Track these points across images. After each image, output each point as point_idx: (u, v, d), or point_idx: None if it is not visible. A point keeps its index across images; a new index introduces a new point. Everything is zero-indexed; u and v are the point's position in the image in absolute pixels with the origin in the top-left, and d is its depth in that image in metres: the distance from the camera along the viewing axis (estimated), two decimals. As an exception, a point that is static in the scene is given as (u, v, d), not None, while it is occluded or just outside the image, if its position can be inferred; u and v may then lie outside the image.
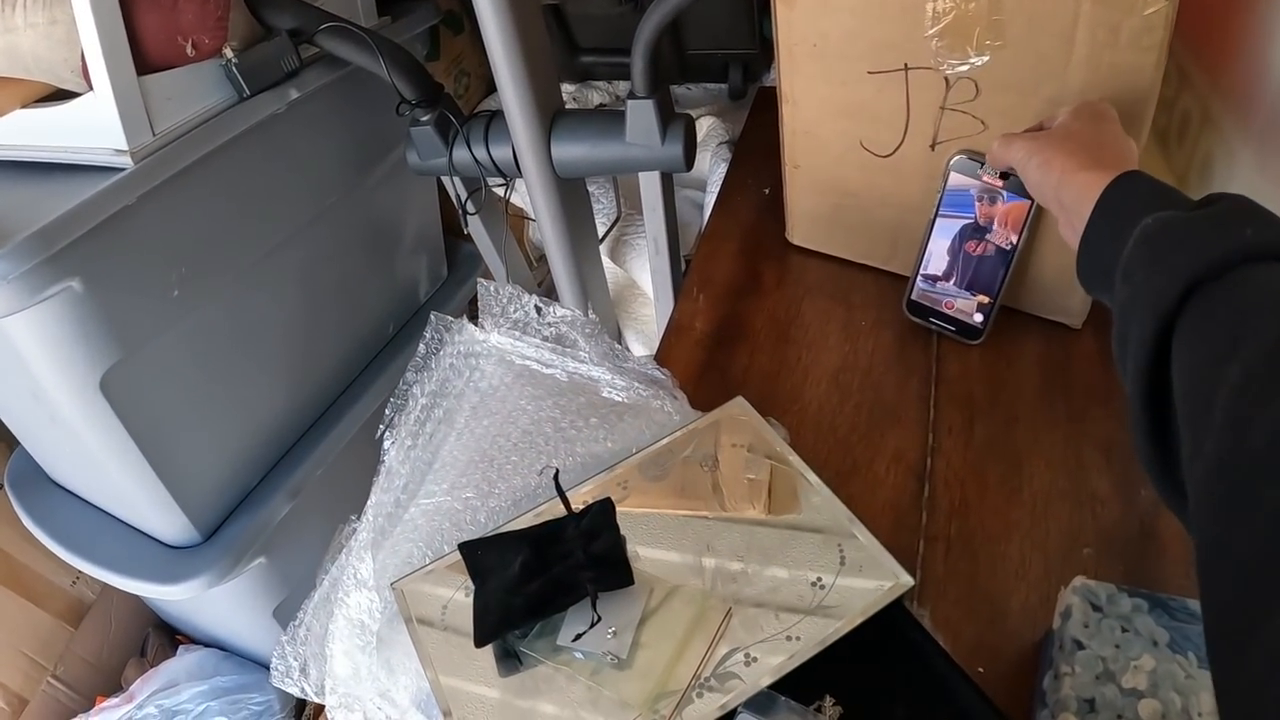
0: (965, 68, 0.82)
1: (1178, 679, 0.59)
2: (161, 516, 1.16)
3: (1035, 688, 0.66)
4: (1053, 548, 0.77)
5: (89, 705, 1.54)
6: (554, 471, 0.69)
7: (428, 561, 0.72)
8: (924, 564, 0.76)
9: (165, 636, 1.64)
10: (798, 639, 0.61)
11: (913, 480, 0.83)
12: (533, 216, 1.19)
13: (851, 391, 0.91)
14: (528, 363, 0.82)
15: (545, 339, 0.82)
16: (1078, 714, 0.58)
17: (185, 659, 1.51)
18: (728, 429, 0.75)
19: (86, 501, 1.28)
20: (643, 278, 1.38)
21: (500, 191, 1.26)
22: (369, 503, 0.77)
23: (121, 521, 1.24)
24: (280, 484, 1.26)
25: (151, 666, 1.55)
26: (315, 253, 1.24)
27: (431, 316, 0.83)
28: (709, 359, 0.95)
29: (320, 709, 1.47)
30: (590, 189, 1.29)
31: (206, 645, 1.57)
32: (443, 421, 0.80)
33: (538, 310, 0.83)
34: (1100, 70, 0.78)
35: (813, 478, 0.72)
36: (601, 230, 1.31)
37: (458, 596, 0.68)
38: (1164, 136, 1.18)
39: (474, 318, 0.86)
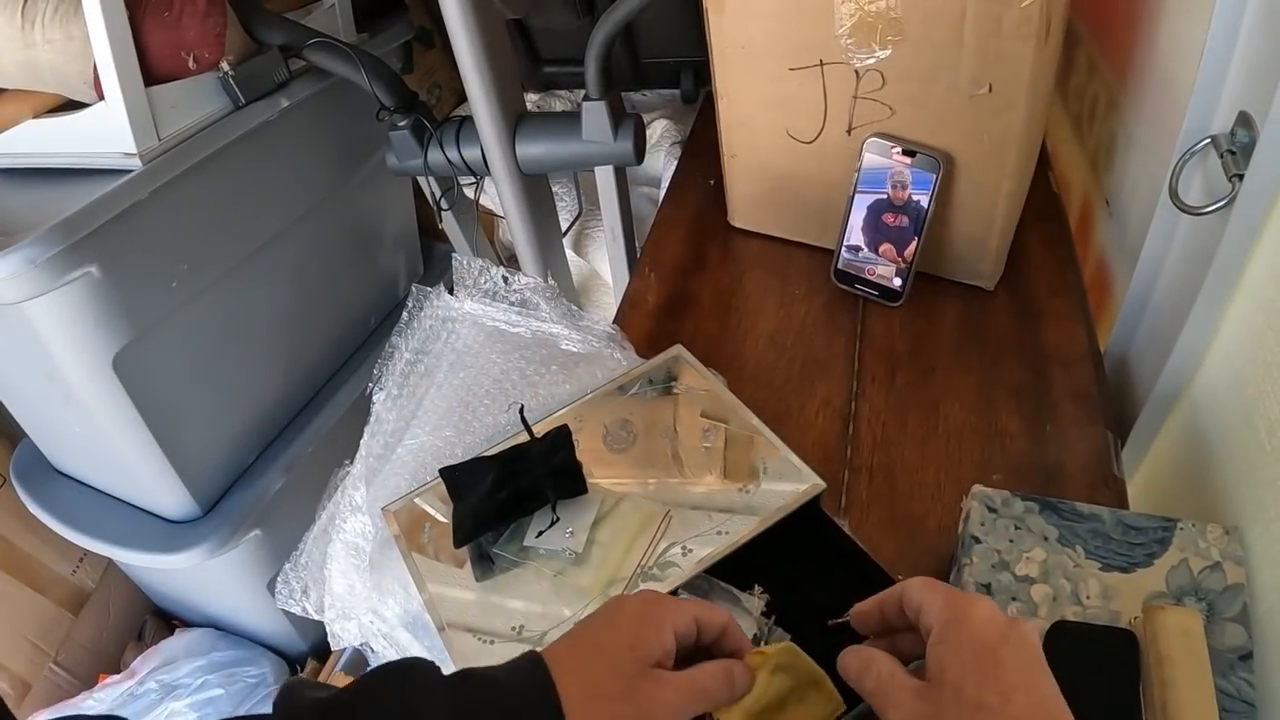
0: (872, 61, 0.93)
1: (1067, 568, 0.69)
2: (165, 491, 1.26)
3: (948, 587, 0.77)
4: (965, 475, 0.87)
5: (90, 689, 1.61)
6: (520, 406, 0.79)
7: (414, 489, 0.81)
8: (848, 490, 0.87)
9: (162, 622, 1.72)
10: (727, 533, 0.71)
11: (839, 421, 0.94)
12: (502, 214, 1.30)
13: (785, 349, 1.02)
14: (497, 324, 0.92)
15: (512, 304, 0.93)
16: (974, 597, 0.69)
17: (183, 638, 1.59)
18: (685, 402, 0.83)
19: (89, 487, 1.37)
20: (604, 268, 1.49)
21: (471, 190, 1.38)
22: (360, 445, 0.87)
23: (124, 502, 1.34)
24: (274, 461, 1.36)
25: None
26: (303, 248, 1.35)
27: (413, 288, 0.93)
28: (659, 327, 1.06)
29: (317, 669, 1.56)
30: (554, 189, 1.41)
31: (202, 627, 1.65)
32: (424, 376, 0.90)
33: (505, 280, 0.94)
34: (988, 58, 0.88)
35: (741, 408, 0.81)
36: (565, 225, 1.43)
37: (439, 517, 0.77)
38: (1077, 121, 1.30)
39: (451, 292, 0.97)
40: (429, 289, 0.93)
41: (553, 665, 0.51)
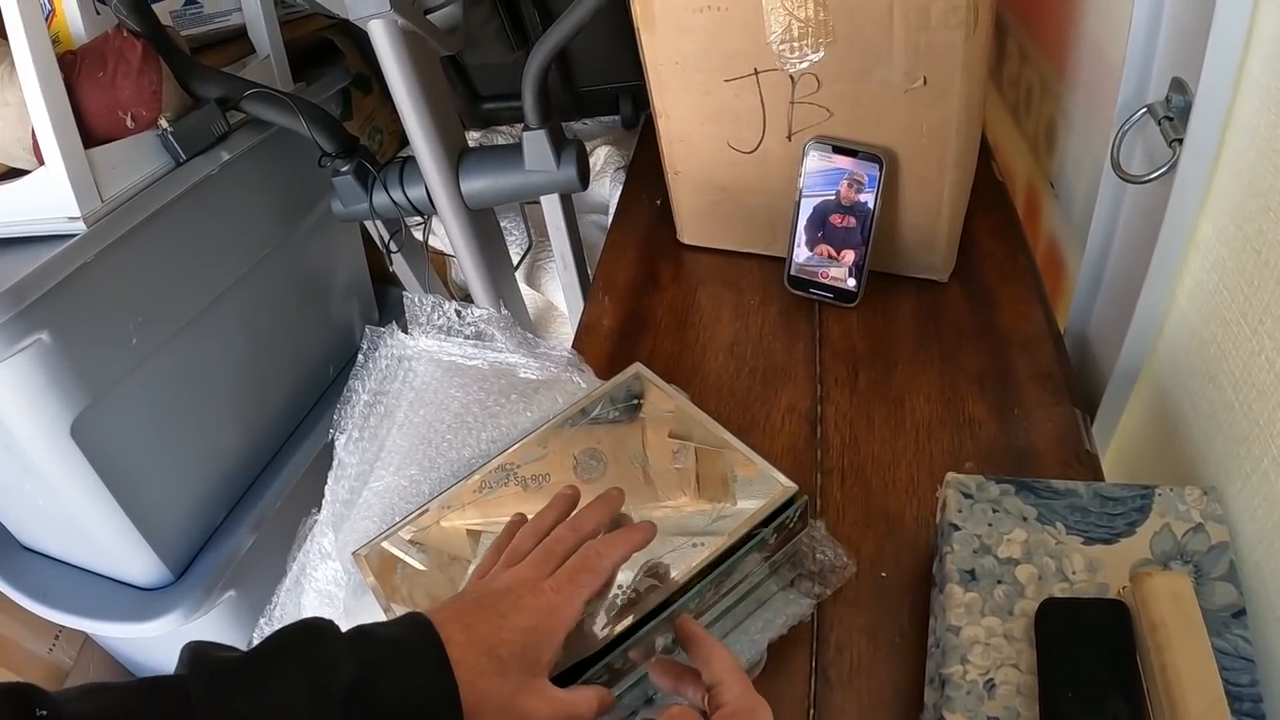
0: (805, 65, 0.92)
1: (1049, 546, 0.67)
2: (134, 558, 1.21)
3: (931, 578, 0.74)
4: (938, 467, 0.85)
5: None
6: None
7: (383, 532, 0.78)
8: (822, 493, 0.85)
9: (144, 695, 1.65)
10: (702, 545, 0.67)
11: (806, 426, 0.91)
12: (452, 253, 1.27)
13: (745, 360, 1.00)
14: (454, 359, 0.89)
15: (467, 337, 0.91)
16: (961, 583, 0.66)
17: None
18: (652, 425, 0.79)
19: (58, 561, 1.32)
20: (558, 298, 1.47)
21: (419, 231, 1.35)
22: (325, 491, 0.84)
23: (94, 574, 1.29)
24: (243, 519, 1.32)
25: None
26: (255, 301, 1.32)
27: (367, 329, 0.90)
28: (617, 349, 1.04)
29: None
30: (503, 223, 1.39)
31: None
32: (385, 417, 0.87)
33: (458, 314, 0.91)
34: (919, 50, 0.87)
35: (708, 420, 0.78)
36: (516, 259, 1.40)
37: (409, 560, 0.73)
38: (1015, 109, 1.30)
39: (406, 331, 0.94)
40: (382, 329, 0.91)
41: (447, 643, 0.52)
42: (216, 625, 1.30)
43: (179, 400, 1.20)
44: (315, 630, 0.50)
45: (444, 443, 0.84)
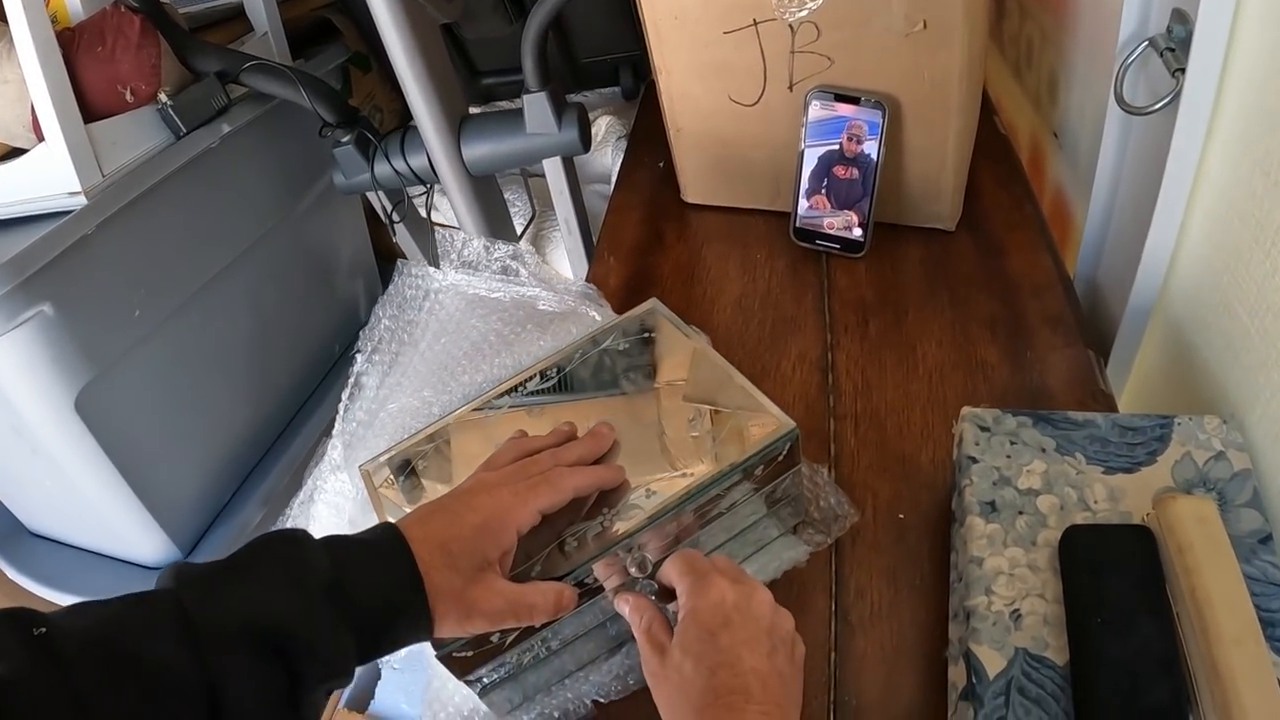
0: (804, 13, 0.89)
1: (1069, 476, 0.65)
2: (142, 537, 1.19)
3: (950, 516, 0.72)
4: (952, 410, 0.83)
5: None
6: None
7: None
8: (836, 438, 0.83)
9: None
10: (690, 474, 0.65)
11: (817, 373, 0.89)
12: (456, 225, 1.25)
13: (754, 312, 0.98)
14: (478, 291, 0.91)
15: (494, 273, 0.92)
16: (981, 515, 0.64)
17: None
18: (667, 394, 0.75)
19: (67, 545, 1.30)
20: (562, 266, 1.44)
21: (422, 205, 1.33)
22: (339, 407, 0.86)
23: (104, 556, 1.27)
24: (250, 496, 1.30)
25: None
26: (259, 276, 1.30)
27: (398, 263, 0.91)
28: (623, 307, 1.01)
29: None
30: (506, 195, 1.36)
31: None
32: (407, 345, 0.89)
33: (486, 249, 0.93)
34: None
35: (715, 355, 0.75)
36: (519, 228, 1.38)
37: (409, 475, 0.72)
38: (1016, 66, 1.28)
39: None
40: (411, 261, 0.93)
41: (411, 543, 0.55)
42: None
43: (184, 375, 1.18)
44: (290, 535, 0.53)
45: (459, 368, 0.86)
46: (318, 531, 0.78)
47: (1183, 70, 0.73)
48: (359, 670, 0.52)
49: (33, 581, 1.26)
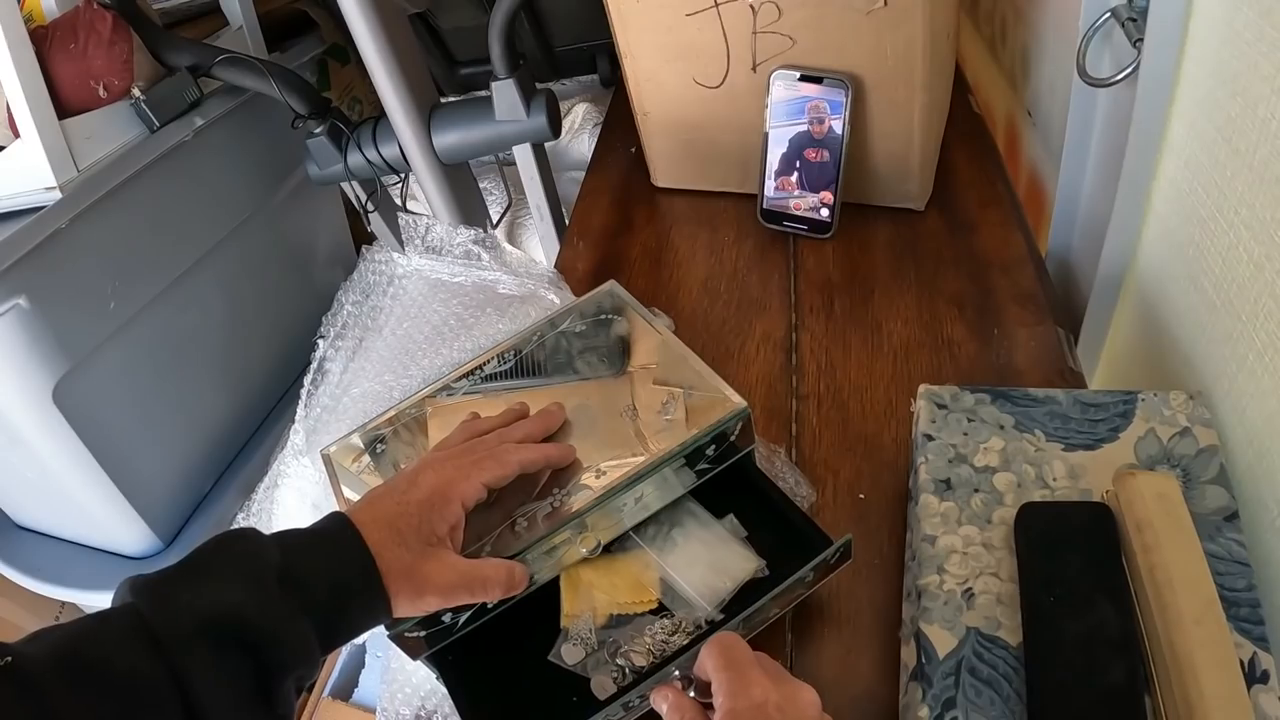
0: (765, -7, 0.87)
1: (1028, 453, 0.62)
2: (123, 528, 1.17)
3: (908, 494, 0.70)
4: (917, 388, 0.80)
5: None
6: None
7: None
8: (798, 418, 0.80)
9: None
10: (640, 455, 0.63)
11: (781, 354, 0.87)
12: (431, 215, 1.23)
13: (720, 294, 0.95)
14: (440, 276, 0.89)
15: (457, 257, 0.91)
16: (935, 493, 0.61)
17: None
18: (640, 379, 0.72)
19: (50, 537, 1.28)
20: (537, 253, 1.42)
21: (397, 195, 1.30)
22: (302, 394, 0.85)
23: (87, 547, 1.25)
24: (230, 485, 1.28)
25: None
26: (235, 267, 1.28)
27: (363, 249, 0.90)
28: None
29: (305, 696, 1.46)
30: (482, 184, 1.34)
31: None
32: (371, 330, 0.88)
33: (450, 233, 0.91)
34: None
35: (670, 336, 0.72)
36: (495, 217, 1.36)
37: (368, 458, 0.71)
38: (991, 43, 1.26)
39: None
40: (375, 248, 0.91)
41: (357, 525, 0.54)
42: (211, 593, 1.25)
43: (161, 366, 1.16)
44: (239, 534, 0.52)
45: (419, 352, 0.84)
46: (282, 517, 0.77)
47: (1142, 40, 0.70)
48: (342, 659, 0.51)
49: (19, 574, 1.24)
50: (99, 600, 1.21)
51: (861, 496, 0.73)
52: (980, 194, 1.01)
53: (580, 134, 1.47)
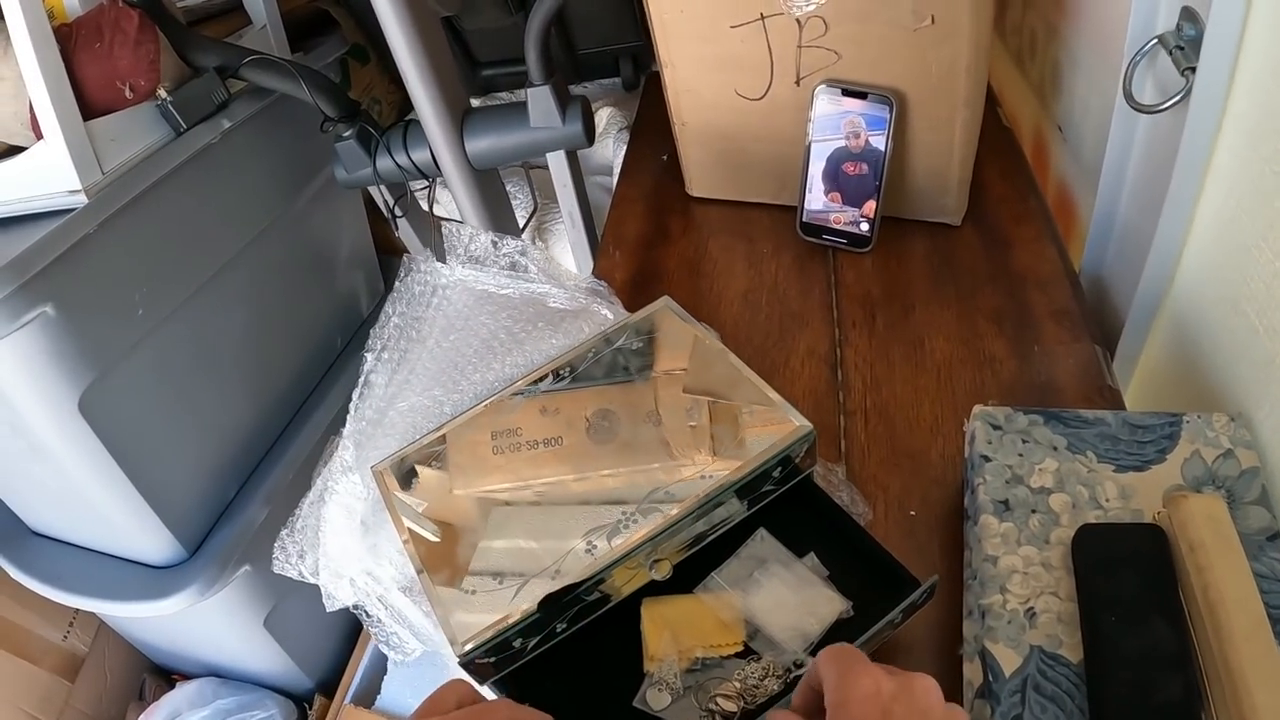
0: (811, 7, 0.89)
1: (1081, 474, 0.67)
2: (147, 536, 1.20)
3: (962, 514, 0.73)
4: (961, 405, 0.85)
5: (94, 755, 1.54)
6: None
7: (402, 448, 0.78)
8: (846, 434, 0.84)
9: (161, 678, 1.65)
10: (710, 476, 0.67)
11: (826, 369, 0.91)
12: (458, 219, 1.26)
13: (761, 307, 0.99)
14: (486, 288, 0.90)
15: (502, 268, 0.92)
16: (995, 513, 0.66)
17: (184, 689, 1.52)
18: (665, 383, 0.77)
19: (70, 544, 1.30)
20: (565, 259, 1.45)
21: (423, 198, 1.33)
22: (350, 407, 0.85)
23: (107, 555, 1.27)
24: (256, 492, 1.31)
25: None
26: (260, 271, 1.30)
27: (404, 259, 0.91)
28: (629, 302, 1.01)
29: (326, 705, 1.50)
30: (507, 187, 1.37)
31: (203, 677, 1.58)
32: (415, 341, 0.89)
33: (494, 244, 0.92)
34: None
35: (730, 355, 0.76)
36: (521, 221, 1.39)
37: (426, 472, 0.73)
38: (1018, 56, 1.29)
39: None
40: (418, 256, 0.92)
41: None
42: (231, 602, 1.29)
43: (187, 373, 1.19)
44: None
45: (469, 366, 0.85)
46: (330, 535, 0.80)
47: (1193, 69, 0.74)
48: (364, 665, 0.49)
49: (38, 582, 1.26)
50: (117, 609, 1.24)
51: (912, 513, 0.77)
52: (1014, 209, 1.06)
53: (605, 138, 1.51)
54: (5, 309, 0.92)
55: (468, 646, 0.60)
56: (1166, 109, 0.78)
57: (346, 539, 0.78)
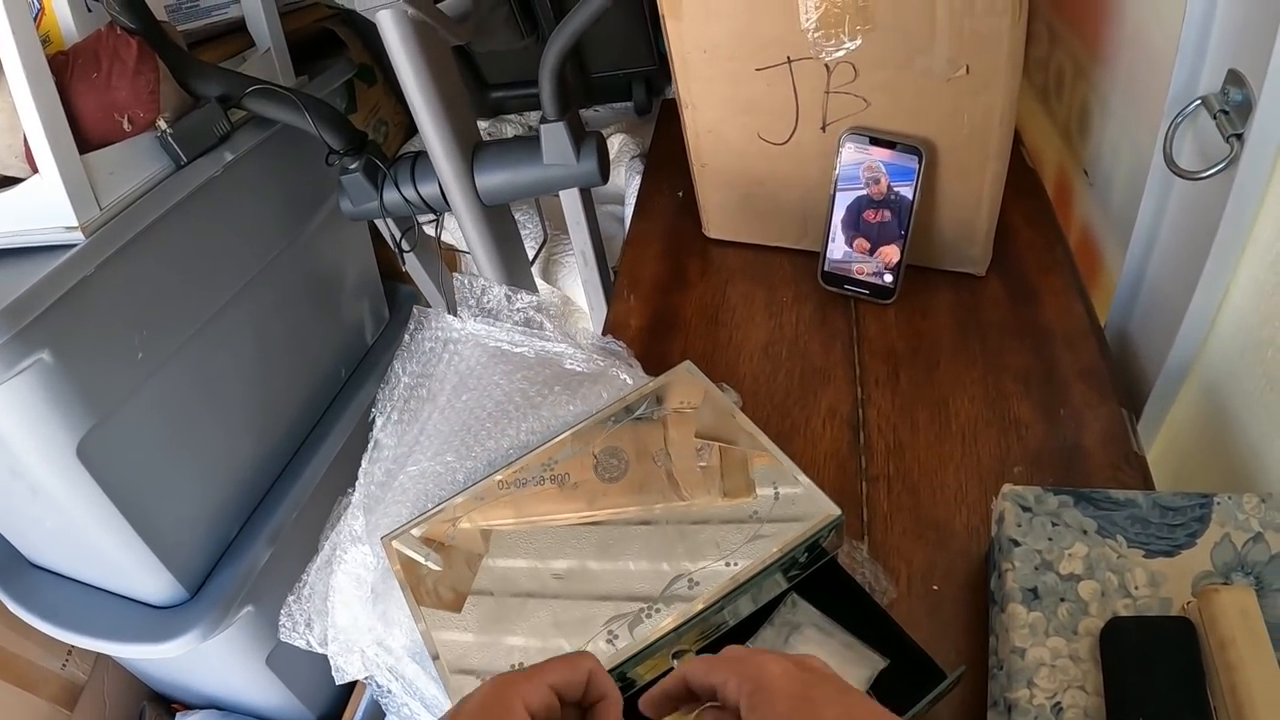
0: (841, 53, 0.91)
1: (1111, 560, 0.68)
2: (148, 578, 1.21)
3: (987, 592, 0.75)
4: (986, 471, 0.86)
5: (92, 787, 1.55)
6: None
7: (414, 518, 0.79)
8: (868, 502, 0.85)
9: (161, 707, 1.66)
10: (735, 564, 0.69)
11: (848, 431, 0.92)
12: (465, 249, 1.27)
13: (782, 361, 1.00)
14: (500, 344, 0.91)
15: (516, 323, 0.93)
16: (1023, 603, 0.67)
17: (184, 722, 1.54)
18: (675, 424, 0.80)
19: (69, 579, 1.31)
20: (576, 293, 1.47)
21: (431, 228, 1.35)
22: (360, 471, 0.86)
23: (107, 592, 1.28)
24: (259, 531, 1.32)
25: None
26: (263, 305, 1.31)
27: (414, 310, 0.92)
28: (646, 351, 1.04)
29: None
30: (517, 217, 1.38)
31: (204, 709, 1.60)
32: (426, 400, 0.90)
33: (507, 298, 0.93)
34: (963, 37, 0.87)
35: (757, 432, 0.78)
36: (531, 253, 1.40)
37: (426, 560, 0.75)
38: (1044, 93, 1.30)
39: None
40: (429, 309, 0.92)
41: None
42: (234, 643, 1.31)
43: (189, 413, 1.20)
44: None
45: (483, 430, 0.86)
46: (339, 604, 0.81)
47: (1238, 137, 0.75)
48: (365, 702, 0.48)
49: (36, 618, 1.27)
50: (117, 649, 1.26)
51: (935, 588, 0.78)
52: (1039, 258, 1.07)
53: (617, 166, 1.52)
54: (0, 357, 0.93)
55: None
56: (1210, 176, 0.79)
57: (357, 609, 0.80)
